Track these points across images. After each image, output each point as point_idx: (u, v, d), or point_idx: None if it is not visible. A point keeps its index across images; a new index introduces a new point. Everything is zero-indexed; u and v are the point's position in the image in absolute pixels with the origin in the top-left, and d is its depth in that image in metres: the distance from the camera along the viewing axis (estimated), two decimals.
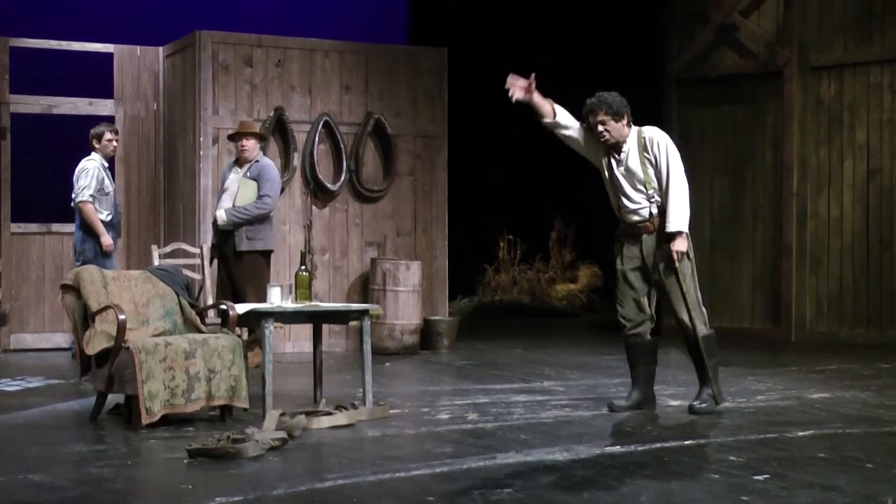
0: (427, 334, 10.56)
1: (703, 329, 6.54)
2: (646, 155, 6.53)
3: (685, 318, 6.50)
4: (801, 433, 5.90)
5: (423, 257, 10.87)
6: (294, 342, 10.31)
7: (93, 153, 9.25)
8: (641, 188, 6.53)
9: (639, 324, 6.64)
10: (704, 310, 6.60)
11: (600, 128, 6.57)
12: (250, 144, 8.85)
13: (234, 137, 8.95)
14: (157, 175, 10.94)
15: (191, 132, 10.29)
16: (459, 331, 10.96)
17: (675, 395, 7.36)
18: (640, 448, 5.49)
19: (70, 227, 9.74)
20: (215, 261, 8.86)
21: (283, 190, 10.34)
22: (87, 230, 9.08)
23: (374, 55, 10.92)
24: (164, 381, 6.04)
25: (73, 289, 6.37)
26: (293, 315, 6.75)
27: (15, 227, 10.49)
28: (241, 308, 6.59)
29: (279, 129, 10.40)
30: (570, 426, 6.16)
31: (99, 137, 9.17)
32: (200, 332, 6.60)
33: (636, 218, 6.58)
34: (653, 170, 6.51)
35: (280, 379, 7.42)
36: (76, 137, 9.74)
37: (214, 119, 10.19)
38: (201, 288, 8.88)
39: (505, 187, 16.35)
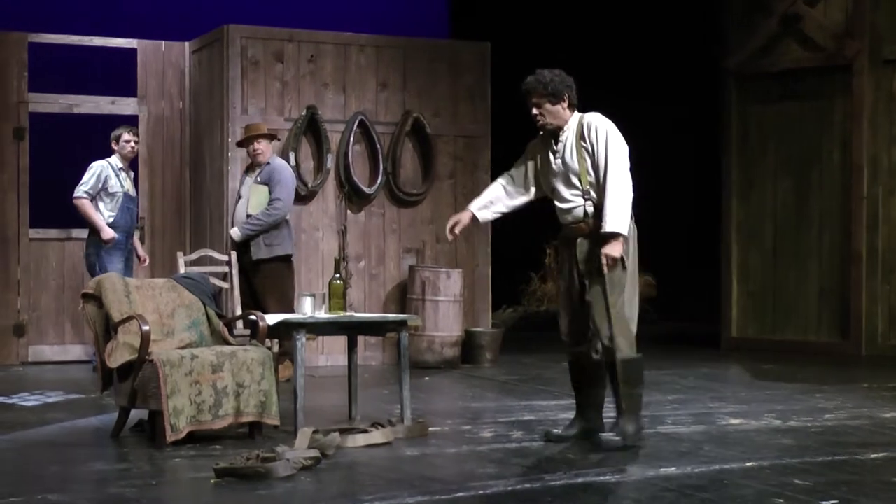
0: (469, 347, 10.55)
1: (625, 351, 5.98)
2: (582, 143, 6.07)
3: (605, 334, 5.95)
4: (873, 455, 5.83)
5: (465, 265, 10.86)
6: (327, 355, 10.34)
7: (113, 155, 9.50)
8: (576, 182, 6.06)
9: (578, 341, 6.18)
10: (634, 330, 6.05)
11: (535, 111, 6.14)
12: (262, 146, 9.01)
13: (244, 143, 9.16)
14: (183, 178, 11.01)
15: (218, 132, 10.36)
16: (503, 343, 10.94)
17: (735, 413, 7.30)
18: (696, 469, 5.45)
19: None
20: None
21: (315, 193, 10.40)
22: (91, 231, 9.30)
23: (412, 50, 10.93)
24: (190, 396, 6.07)
25: (95, 298, 6.42)
26: (326, 326, 6.76)
27: (33, 233, 10.60)
28: (272, 319, 6.61)
29: (312, 129, 10.44)
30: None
31: (117, 139, 9.47)
32: (228, 344, 6.63)
33: (570, 218, 6.12)
34: (589, 161, 6.04)
35: (312, 394, 7.44)
36: (98, 138, 9.83)
37: (243, 118, 10.24)
38: (229, 297, 8.93)
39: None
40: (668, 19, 15.95)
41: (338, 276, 6.86)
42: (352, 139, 10.52)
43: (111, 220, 9.36)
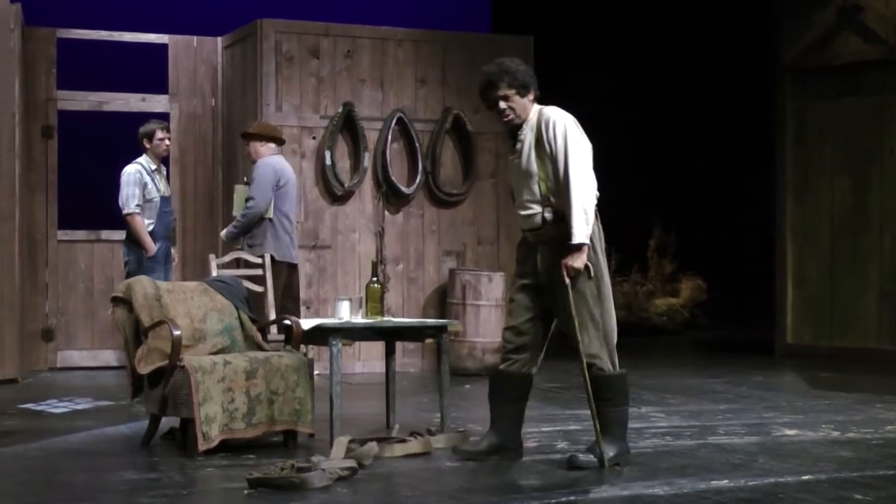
0: None
1: (605, 367, 5.80)
2: (540, 143, 5.73)
3: (586, 349, 5.75)
4: None
5: (507, 268, 10.83)
6: (364, 361, 10.36)
7: (143, 155, 9.35)
8: (534, 188, 5.76)
9: (515, 349, 5.96)
10: (611, 342, 5.86)
11: (502, 104, 5.77)
12: (250, 148, 8.94)
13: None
14: (215, 177, 11.07)
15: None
16: (547, 349, 10.89)
17: (790, 423, 7.25)
18: (750, 483, 5.42)
19: (121, 235, 9.90)
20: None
21: (352, 194, 10.43)
22: (131, 241, 9.22)
23: (452, 44, 10.94)
24: (223, 404, 6.10)
25: (125, 302, 6.46)
26: (363, 331, 6.77)
27: (62, 234, 10.69)
28: (307, 323, 6.63)
29: (348, 127, 10.46)
30: (672, 457, 6.10)
31: (150, 136, 9.15)
32: (262, 349, 6.65)
33: (528, 226, 5.84)
34: (549, 163, 5.72)
35: (349, 402, 7.46)
36: (128, 136, 9.88)
37: (277, 116, 10.28)
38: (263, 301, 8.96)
39: (597, 190, 16.25)
40: (720, 12, 15.87)
41: (375, 279, 6.87)
42: (390, 137, 10.54)
43: (150, 228, 9.18)
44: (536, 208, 5.78)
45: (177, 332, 6.16)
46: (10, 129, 9.56)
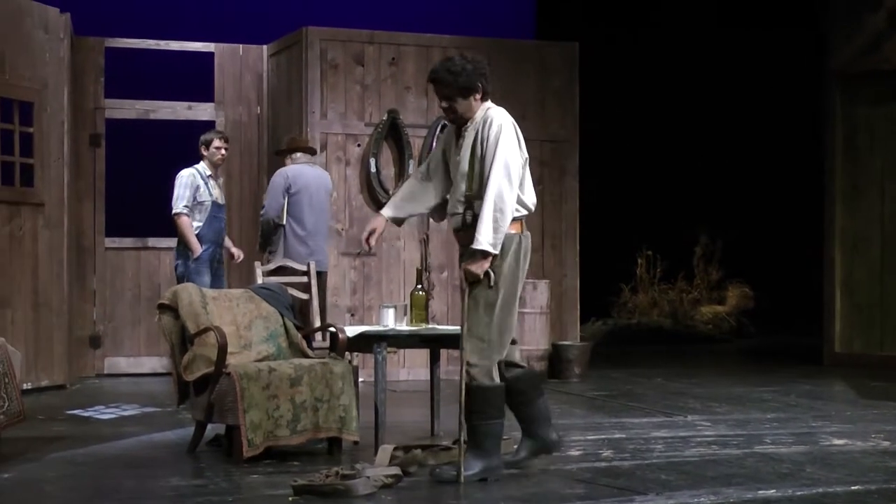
0: (556, 361, 10.52)
1: (479, 376, 5.56)
2: (477, 143, 5.61)
3: (463, 355, 5.59)
4: None
5: (552, 276, 10.83)
6: (409, 369, 10.38)
7: (201, 161, 9.52)
8: (462, 187, 5.66)
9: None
10: (494, 356, 5.62)
11: (444, 104, 5.68)
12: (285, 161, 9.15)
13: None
14: (261, 185, 11.12)
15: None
16: (592, 357, 10.89)
17: (839, 432, 7.18)
18: (798, 493, 5.37)
19: (167, 242, 9.99)
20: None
21: None
22: (181, 244, 9.36)
23: (497, 51, 10.93)
24: (268, 411, 6.12)
25: (171, 309, 6.51)
26: (408, 339, 6.78)
27: (109, 242, 10.79)
28: (352, 331, 6.65)
29: (393, 134, 10.49)
30: (718, 466, 6.06)
31: (207, 144, 9.39)
32: (307, 356, 6.68)
33: (452, 223, 5.76)
34: (479, 164, 5.59)
35: (393, 409, 7.47)
36: (174, 144, 9.98)
37: (322, 123, 10.34)
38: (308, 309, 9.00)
39: (643, 198, 16.23)
40: (767, 17, 15.77)
41: (420, 286, 6.88)
42: (434, 144, 10.55)
43: (198, 231, 9.33)
44: (461, 209, 5.69)
45: (222, 340, 6.20)
46: (59, 138, 9.67)
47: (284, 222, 8.90)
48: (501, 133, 5.57)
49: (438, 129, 10.54)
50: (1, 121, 9.18)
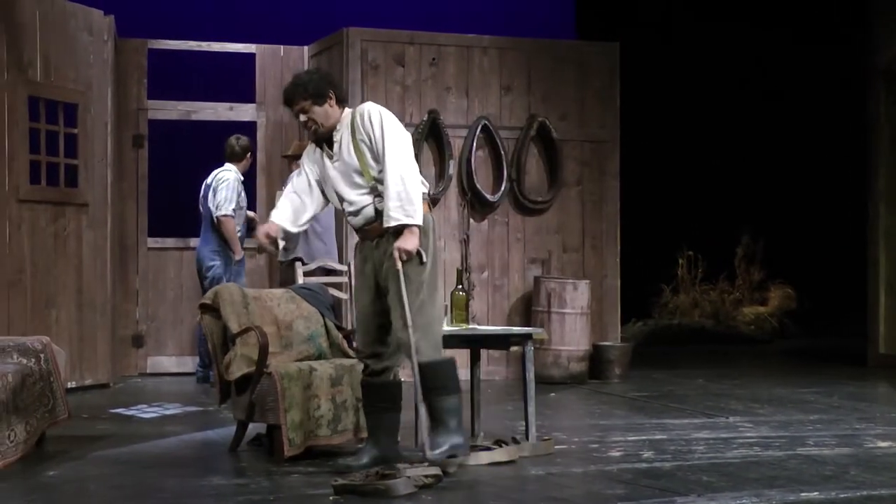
0: (596, 362, 10.49)
1: (428, 352, 5.61)
2: (358, 136, 5.68)
3: (403, 335, 5.57)
4: None
5: (593, 276, 10.79)
6: None
7: (229, 164, 9.67)
8: (359, 181, 5.69)
9: (373, 356, 5.84)
10: (438, 330, 5.74)
11: (303, 117, 5.73)
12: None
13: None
14: None
15: None
16: (633, 358, 10.85)
17: (884, 434, 7.12)
18: (842, 495, 5.33)
19: None
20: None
21: (437, 201, 10.46)
22: (220, 245, 9.47)
23: (537, 52, 10.92)
24: (309, 411, 6.14)
25: (213, 309, 6.54)
26: (448, 339, 6.74)
27: (152, 242, 10.86)
28: None
29: (433, 135, 10.50)
30: (760, 468, 6.02)
31: (250, 153, 9.86)
32: (348, 357, 6.69)
33: (361, 221, 5.76)
34: (369, 153, 5.66)
35: None
36: (216, 145, 10.04)
37: None
38: (348, 309, 9.03)
39: (684, 198, 16.15)
40: (808, 17, 15.66)
41: (460, 287, 6.88)
42: (475, 145, 10.55)
43: (239, 234, 9.57)
44: (366, 200, 5.70)
45: (264, 339, 6.22)
46: (103, 138, 9.75)
47: None
48: (384, 119, 5.66)
49: (479, 129, 10.54)
50: (46, 122, 9.26)
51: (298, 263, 8.36)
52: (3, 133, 8.87)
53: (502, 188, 10.61)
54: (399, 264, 5.58)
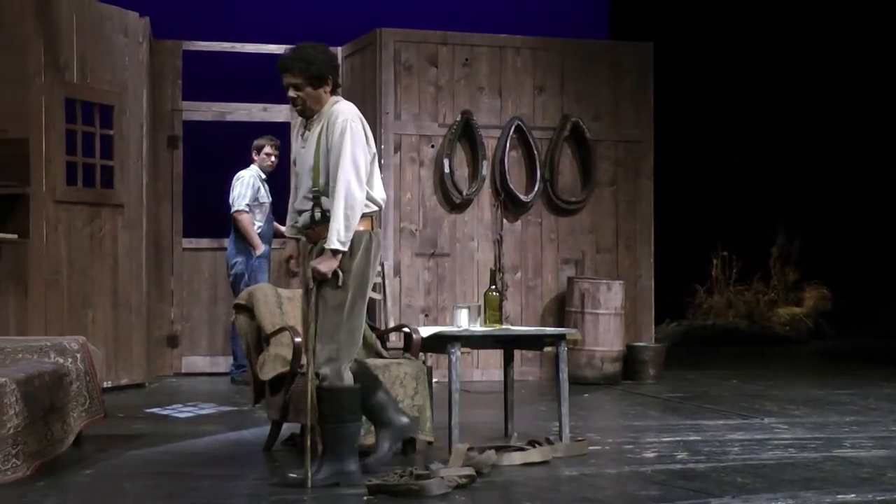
0: (630, 362, 10.46)
1: (331, 378, 5.41)
2: (323, 137, 5.47)
3: (311, 354, 5.43)
4: None
5: (626, 276, 10.76)
6: (483, 369, 10.37)
7: (251, 164, 9.85)
8: (308, 182, 5.51)
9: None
10: (344, 356, 5.46)
11: (292, 93, 5.50)
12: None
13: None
14: None
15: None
16: (667, 359, 10.81)
17: None
18: (878, 497, 5.29)
19: None
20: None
21: (470, 202, 10.47)
22: (241, 241, 9.59)
23: (570, 52, 10.90)
24: None
25: (247, 309, 6.56)
26: (482, 339, 6.78)
27: (186, 242, 10.92)
28: (426, 331, 6.67)
29: (466, 135, 10.50)
30: (795, 469, 5.99)
31: (259, 150, 9.91)
32: (381, 357, 6.70)
33: (301, 223, 5.61)
34: (324, 161, 5.45)
35: (467, 410, 7.47)
36: (249, 146, 10.09)
37: (396, 124, 10.37)
38: (382, 309, 9.06)
39: (718, 198, 16.08)
40: (844, 11, 15.55)
41: (493, 287, 6.87)
42: (508, 145, 10.54)
43: (260, 230, 9.73)
44: (308, 205, 5.54)
45: (298, 339, 6.23)
46: (138, 140, 9.81)
47: None
48: (347, 127, 5.42)
49: (512, 130, 10.53)
50: (82, 123, 9.33)
51: None
52: (41, 134, 8.94)
53: (535, 188, 10.60)
54: (312, 283, 5.44)
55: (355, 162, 5.40)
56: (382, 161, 10.29)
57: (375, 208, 5.59)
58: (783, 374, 11.32)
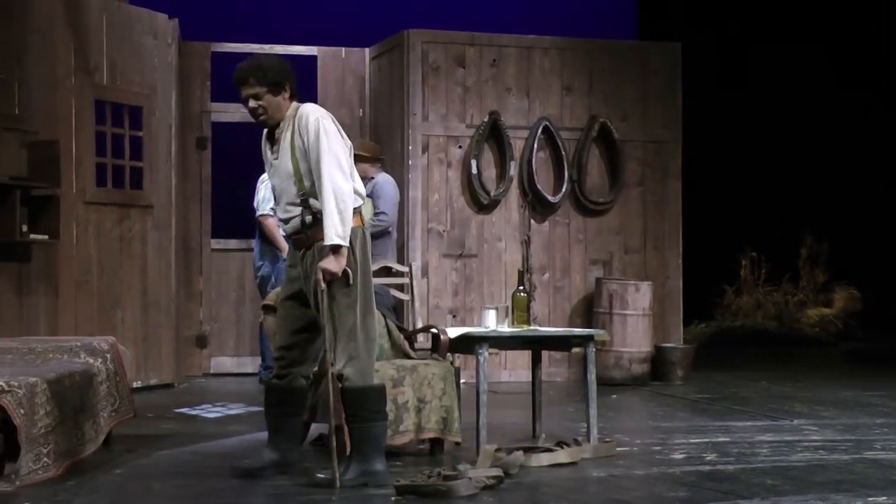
0: (658, 363, 10.43)
1: (354, 379, 5.43)
2: (296, 142, 5.46)
3: (330, 356, 5.43)
4: None
5: (655, 277, 10.74)
6: (511, 370, 10.37)
7: None
8: (292, 189, 5.49)
9: (287, 365, 5.67)
10: (364, 354, 5.47)
11: (252, 103, 5.50)
12: (361, 168, 9.18)
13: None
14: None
15: (398, 140, 10.52)
16: (695, 360, 10.78)
17: None
18: None
19: None
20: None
21: (498, 203, 10.46)
22: (266, 245, 9.58)
23: (598, 52, 10.88)
24: None
25: (275, 310, 6.56)
26: (509, 340, 6.78)
27: (215, 243, 10.97)
28: (454, 332, 6.67)
29: (494, 136, 10.49)
30: (826, 471, 5.95)
31: None
32: (409, 357, 6.71)
33: (290, 229, 5.58)
34: (304, 162, 5.44)
35: (495, 411, 7.47)
36: None
37: (424, 125, 10.38)
38: (409, 310, 9.05)
39: (747, 199, 16.02)
40: (864, 16, 15.47)
41: (521, 288, 6.87)
42: (535, 146, 10.53)
43: (283, 233, 9.67)
44: (296, 210, 5.51)
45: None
46: (167, 141, 9.85)
47: (391, 229, 9.12)
48: (321, 125, 5.40)
49: (540, 130, 10.53)
50: (112, 125, 9.38)
51: None
52: (71, 136, 9.00)
53: (563, 189, 10.59)
54: (323, 284, 5.39)
55: (336, 157, 5.37)
56: (410, 162, 10.31)
57: (361, 202, 5.56)
58: (812, 375, 11.27)
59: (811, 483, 5.61)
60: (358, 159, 9.19)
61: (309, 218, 5.46)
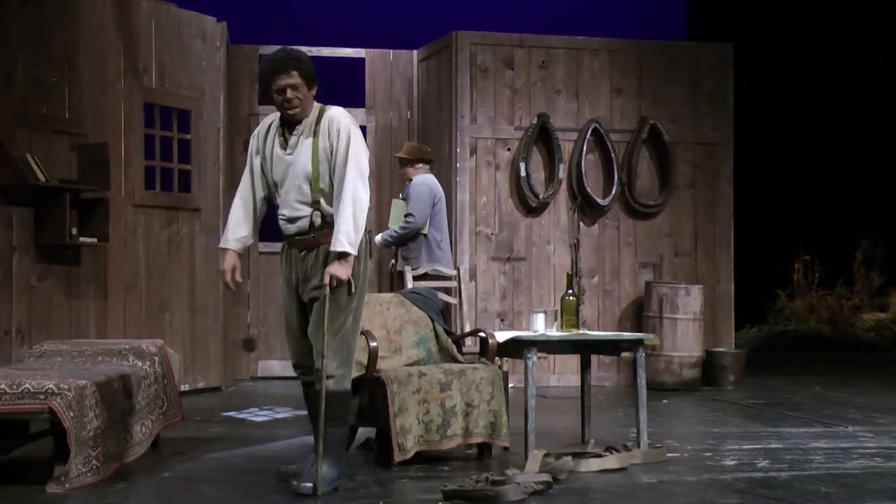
0: (709, 368, 10.37)
1: (342, 384, 5.50)
2: (321, 143, 5.51)
3: (319, 359, 5.45)
4: None
5: (706, 281, 10.67)
6: (559, 375, 10.34)
7: None
8: (305, 188, 5.53)
9: (309, 369, 5.70)
10: (352, 361, 5.59)
11: (290, 93, 5.49)
12: (402, 170, 9.15)
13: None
14: None
15: (447, 142, 10.53)
16: (747, 365, 10.71)
17: None
18: None
19: None
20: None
21: (547, 205, 10.44)
22: None
23: (648, 53, 10.84)
24: (418, 415, 6.17)
25: None
26: (558, 344, 6.76)
27: (262, 247, 11.02)
28: (502, 336, 6.66)
29: (543, 138, 10.48)
30: (882, 479, 5.89)
31: None
32: (457, 361, 6.71)
33: (293, 229, 5.62)
34: (326, 165, 5.50)
35: (544, 415, 7.46)
36: None
37: (472, 128, 10.38)
38: (457, 313, 9.05)
39: (800, 201, 15.89)
40: None
41: (570, 291, 6.85)
42: (585, 148, 10.51)
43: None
44: (305, 211, 5.56)
45: (373, 344, 6.27)
46: (216, 144, 9.92)
47: (427, 231, 9.01)
48: (352, 136, 5.50)
49: (589, 132, 10.49)
50: (160, 128, 9.46)
51: (407, 268, 8.42)
52: (120, 139, 9.08)
53: (613, 192, 10.55)
54: (327, 290, 5.44)
55: (360, 166, 5.47)
56: (458, 164, 10.32)
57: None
58: (868, 381, 11.16)
59: (866, 491, 5.56)
60: (400, 162, 9.26)
61: (318, 220, 5.54)
